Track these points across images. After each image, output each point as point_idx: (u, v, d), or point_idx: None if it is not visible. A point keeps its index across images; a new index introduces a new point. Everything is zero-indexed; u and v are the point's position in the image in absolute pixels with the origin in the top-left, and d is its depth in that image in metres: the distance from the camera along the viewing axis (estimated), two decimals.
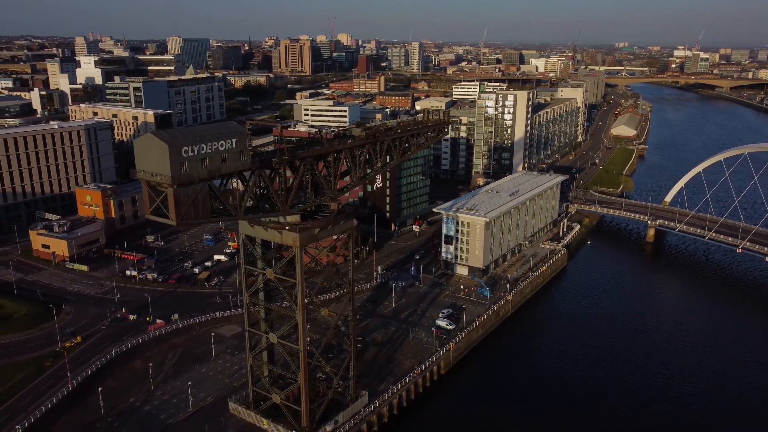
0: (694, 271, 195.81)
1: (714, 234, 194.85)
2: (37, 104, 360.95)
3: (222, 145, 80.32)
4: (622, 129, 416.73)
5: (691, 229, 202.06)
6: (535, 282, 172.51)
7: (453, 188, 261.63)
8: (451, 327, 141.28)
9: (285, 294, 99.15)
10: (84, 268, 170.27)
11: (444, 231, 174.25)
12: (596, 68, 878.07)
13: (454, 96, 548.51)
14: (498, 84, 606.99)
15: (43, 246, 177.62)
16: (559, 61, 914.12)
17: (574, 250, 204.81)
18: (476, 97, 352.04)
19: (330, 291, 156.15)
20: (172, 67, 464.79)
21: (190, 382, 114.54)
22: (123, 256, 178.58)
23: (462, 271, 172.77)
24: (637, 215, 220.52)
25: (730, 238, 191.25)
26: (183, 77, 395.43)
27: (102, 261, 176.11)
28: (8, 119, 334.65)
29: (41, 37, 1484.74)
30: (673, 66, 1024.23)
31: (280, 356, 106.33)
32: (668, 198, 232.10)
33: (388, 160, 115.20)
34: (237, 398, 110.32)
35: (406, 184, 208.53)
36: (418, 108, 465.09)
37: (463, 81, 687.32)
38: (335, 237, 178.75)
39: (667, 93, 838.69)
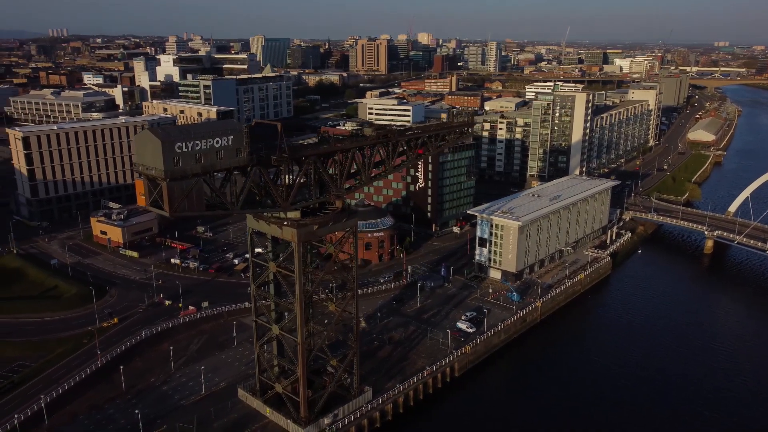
0: (754, 288, 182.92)
1: None
2: (119, 100, 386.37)
3: (218, 142, 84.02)
4: (699, 134, 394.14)
5: (752, 241, 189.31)
6: (570, 290, 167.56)
7: (506, 191, 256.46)
8: (471, 330, 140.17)
9: (286, 287, 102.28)
10: (135, 254, 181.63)
11: (478, 233, 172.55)
12: (687, 69, 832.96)
13: (527, 97, 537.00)
14: (573, 85, 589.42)
15: (101, 232, 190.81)
16: (645, 62, 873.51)
17: (621, 259, 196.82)
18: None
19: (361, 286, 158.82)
20: (245, 66, 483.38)
21: (205, 367, 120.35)
22: (172, 244, 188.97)
23: (495, 274, 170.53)
24: (694, 225, 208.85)
25: None
26: (252, 75, 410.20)
27: (152, 249, 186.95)
28: (93, 113, 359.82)
29: (140, 36, 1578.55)
30: None
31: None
32: (732, 208, 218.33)
33: (403, 161, 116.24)
34: (246, 386, 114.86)
35: (449, 184, 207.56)
36: (487, 108, 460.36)
37: (539, 81, 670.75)
38: (372, 233, 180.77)
39: (765, 96, 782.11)
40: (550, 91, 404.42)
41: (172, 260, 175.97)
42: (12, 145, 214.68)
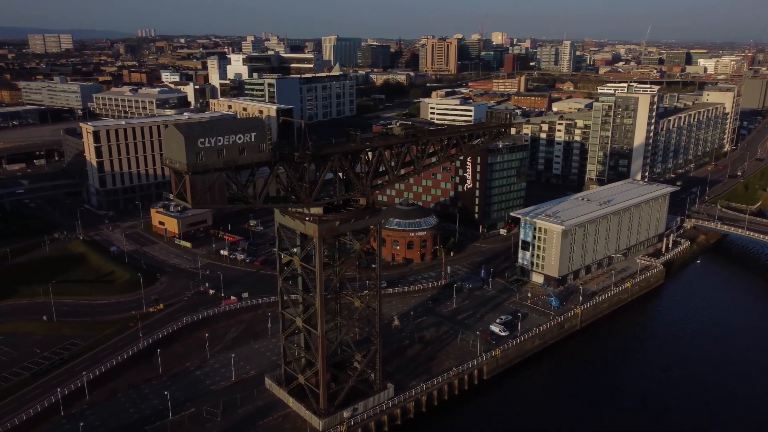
0: None
1: None
2: (191, 97, 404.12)
3: (240, 139, 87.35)
4: None
5: None
6: (615, 298, 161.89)
7: (562, 194, 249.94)
8: (504, 333, 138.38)
9: (308, 281, 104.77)
10: (188, 244, 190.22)
11: (521, 236, 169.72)
12: None
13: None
14: (649, 86, 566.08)
15: (159, 223, 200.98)
16: (733, 62, 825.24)
17: (676, 269, 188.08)
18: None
19: (397, 284, 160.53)
20: (311, 65, 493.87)
21: (238, 355, 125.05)
22: (224, 236, 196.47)
23: (537, 278, 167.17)
24: (761, 236, 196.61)
25: None
26: (317, 75, 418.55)
27: (205, 240, 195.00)
28: (166, 109, 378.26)
29: (221, 36, 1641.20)
30: None
31: None
32: None
33: (434, 160, 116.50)
34: (272, 375, 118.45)
35: (498, 186, 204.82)
36: (554, 109, 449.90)
37: (614, 82, 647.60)
38: (415, 233, 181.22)
39: None
40: (617, 92, 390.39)
41: (222, 252, 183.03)
42: (84, 139, 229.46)
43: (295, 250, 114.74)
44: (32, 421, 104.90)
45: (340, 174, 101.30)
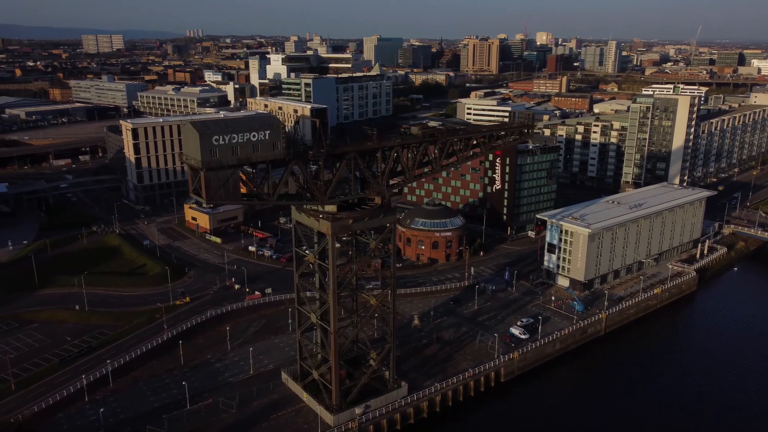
0: None
1: None
2: (231, 96, 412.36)
3: (254, 136, 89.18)
4: None
5: None
6: (643, 304, 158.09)
7: (596, 197, 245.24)
8: (524, 336, 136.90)
9: (322, 278, 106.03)
10: (218, 240, 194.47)
11: (547, 239, 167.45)
12: None
13: None
14: (696, 87, 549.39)
15: (192, 218, 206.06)
16: None
17: (711, 276, 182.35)
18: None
19: (420, 284, 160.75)
20: (350, 65, 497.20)
21: (257, 349, 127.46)
22: (253, 233, 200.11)
23: (563, 282, 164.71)
24: None
25: None
26: (354, 75, 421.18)
27: (235, 236, 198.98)
28: (207, 108, 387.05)
29: (266, 36, 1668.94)
30: None
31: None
32: None
33: (451, 161, 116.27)
34: (289, 370, 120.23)
35: (528, 187, 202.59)
36: (596, 111, 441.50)
37: (660, 83, 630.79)
38: (440, 233, 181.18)
39: None
40: (656, 94, 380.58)
41: (250, 248, 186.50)
42: (124, 136, 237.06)
43: (313, 247, 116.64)
44: (58, 406, 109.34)
45: (356, 173, 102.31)
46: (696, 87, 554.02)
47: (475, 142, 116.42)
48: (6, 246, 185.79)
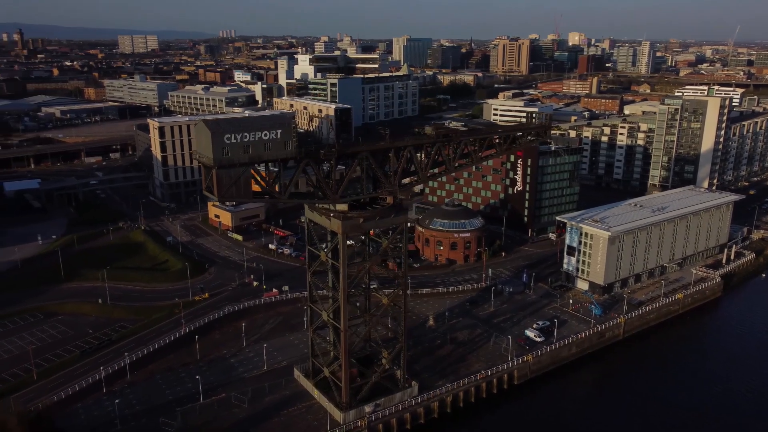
0: None
1: None
2: (258, 96, 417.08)
3: (266, 135, 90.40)
4: None
5: None
6: (664, 309, 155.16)
7: (621, 200, 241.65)
8: (539, 339, 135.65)
9: (333, 276, 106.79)
10: (239, 237, 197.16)
11: (567, 241, 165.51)
12: None
13: None
14: (732, 89, 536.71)
15: (215, 216, 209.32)
16: None
17: (737, 282, 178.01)
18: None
19: (437, 284, 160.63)
20: (377, 65, 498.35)
21: (271, 346, 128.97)
22: (275, 231, 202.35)
23: (582, 285, 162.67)
24: None
25: None
26: (380, 75, 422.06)
27: (256, 234, 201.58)
28: (235, 107, 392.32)
29: (297, 36, 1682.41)
30: None
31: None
32: None
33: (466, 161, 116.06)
34: (301, 367, 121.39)
35: (549, 189, 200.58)
36: (626, 112, 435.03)
37: (694, 84, 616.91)
38: (458, 234, 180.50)
39: None
40: (708, 95, 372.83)
41: (270, 246, 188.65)
42: (151, 134, 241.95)
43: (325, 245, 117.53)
44: (76, 396, 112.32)
45: (369, 172, 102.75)
46: (732, 89, 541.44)
47: (490, 142, 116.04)
48: (35, 240, 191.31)
